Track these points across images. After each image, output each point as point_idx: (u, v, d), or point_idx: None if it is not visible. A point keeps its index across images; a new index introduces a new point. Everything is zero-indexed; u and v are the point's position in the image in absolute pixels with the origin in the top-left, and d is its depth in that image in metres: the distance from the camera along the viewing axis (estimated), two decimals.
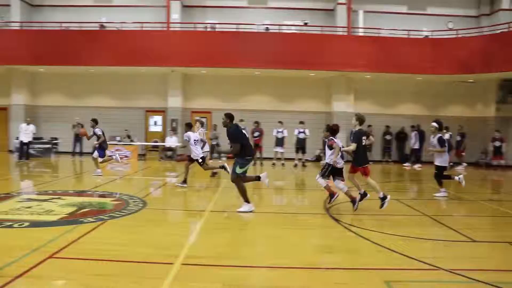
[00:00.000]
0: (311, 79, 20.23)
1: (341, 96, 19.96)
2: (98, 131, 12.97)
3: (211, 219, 7.65)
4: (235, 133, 7.86)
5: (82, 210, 7.75)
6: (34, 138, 17.89)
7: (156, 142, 19.49)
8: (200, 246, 5.99)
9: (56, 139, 19.34)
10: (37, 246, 5.51)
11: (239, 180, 7.94)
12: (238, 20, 19.83)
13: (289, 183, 13.68)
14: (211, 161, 14.86)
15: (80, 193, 9.73)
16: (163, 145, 19.20)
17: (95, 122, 13.28)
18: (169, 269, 4.82)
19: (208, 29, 19.99)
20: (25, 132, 17.00)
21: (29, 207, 7.86)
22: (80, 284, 4.44)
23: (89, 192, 9.91)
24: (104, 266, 4.97)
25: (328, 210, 8.40)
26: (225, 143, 10.12)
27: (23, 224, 6.61)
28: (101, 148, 13.00)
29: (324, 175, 8.31)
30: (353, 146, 8.16)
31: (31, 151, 17.59)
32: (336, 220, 7.60)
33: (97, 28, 19.77)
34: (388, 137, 20.16)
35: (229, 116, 8.02)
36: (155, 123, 20.83)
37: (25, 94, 20.55)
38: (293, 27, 20.28)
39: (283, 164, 17.32)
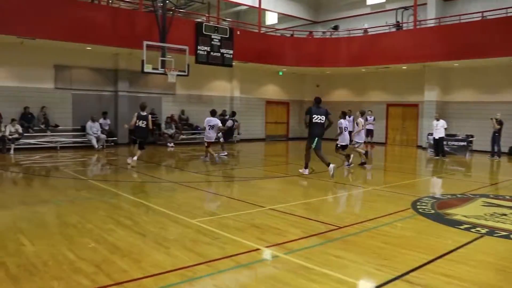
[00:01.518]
0: None
1: None
2: None
3: None
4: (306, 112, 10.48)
5: None
6: (447, 135, 17.47)
7: None
8: None
9: (471, 136, 18.18)
10: None
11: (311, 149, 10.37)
12: None
13: None
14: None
15: None
16: None
17: None
18: None
19: None
20: (435, 128, 16.95)
21: (503, 214, 7.05)
22: None
23: None
24: None
25: None
26: None
27: None
28: None
29: None
30: None
31: (445, 148, 17.35)
32: None
33: None
34: None
35: (315, 99, 10.40)
36: None
37: (437, 90, 20.57)
38: None
39: None
